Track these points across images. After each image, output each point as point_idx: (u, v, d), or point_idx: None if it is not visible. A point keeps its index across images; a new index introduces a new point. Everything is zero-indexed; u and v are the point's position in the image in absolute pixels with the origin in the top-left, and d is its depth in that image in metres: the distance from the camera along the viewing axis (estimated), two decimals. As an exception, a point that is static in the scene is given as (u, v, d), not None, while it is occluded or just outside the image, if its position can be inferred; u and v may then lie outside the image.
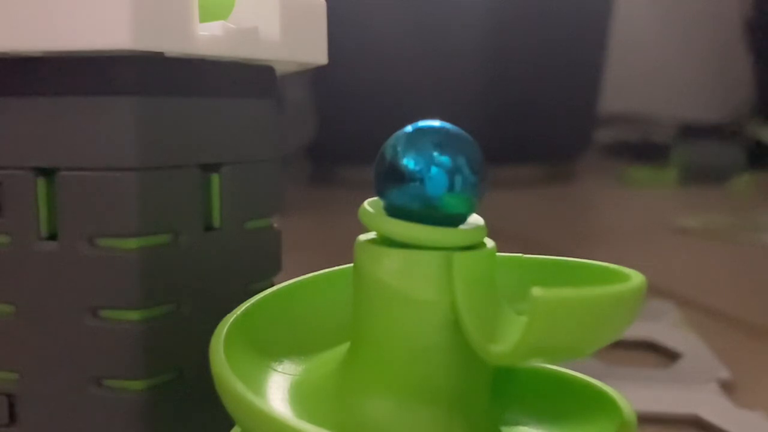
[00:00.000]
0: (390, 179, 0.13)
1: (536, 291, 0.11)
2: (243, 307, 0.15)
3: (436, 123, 0.14)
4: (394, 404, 0.14)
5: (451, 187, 0.13)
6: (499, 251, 0.14)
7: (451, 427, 0.14)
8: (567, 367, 0.16)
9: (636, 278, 0.13)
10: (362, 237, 0.14)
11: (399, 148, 0.13)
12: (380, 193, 0.14)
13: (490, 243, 0.14)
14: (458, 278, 0.13)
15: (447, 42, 0.80)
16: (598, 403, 0.15)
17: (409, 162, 0.13)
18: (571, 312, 0.12)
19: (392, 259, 0.13)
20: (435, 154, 0.13)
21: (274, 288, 0.16)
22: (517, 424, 0.15)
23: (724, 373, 0.27)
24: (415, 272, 0.13)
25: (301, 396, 0.14)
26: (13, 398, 0.17)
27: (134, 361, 0.16)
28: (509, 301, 0.14)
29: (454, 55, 0.80)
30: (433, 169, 0.13)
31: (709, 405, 0.25)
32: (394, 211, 0.13)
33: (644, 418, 0.24)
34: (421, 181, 0.13)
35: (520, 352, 0.12)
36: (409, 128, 0.14)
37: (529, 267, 0.15)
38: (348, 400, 0.14)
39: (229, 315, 0.15)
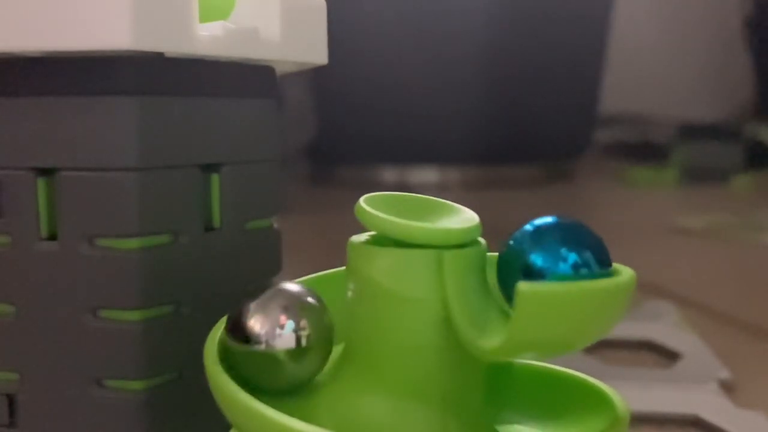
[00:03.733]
0: (518, 275, 0.13)
1: (522, 285, 0.11)
2: None
3: (553, 219, 0.14)
4: (388, 402, 0.14)
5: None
6: (497, 251, 0.14)
7: (445, 425, 0.14)
8: (565, 366, 0.16)
9: (624, 273, 0.13)
10: (355, 238, 0.14)
11: (525, 246, 0.13)
12: (505, 287, 0.14)
13: (481, 241, 0.14)
14: (449, 276, 0.13)
15: (447, 42, 0.80)
16: (592, 400, 0.15)
17: (536, 258, 0.13)
18: (558, 305, 0.12)
19: (384, 258, 0.13)
20: (562, 250, 0.13)
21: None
22: (512, 422, 0.15)
23: (724, 373, 0.27)
24: (407, 271, 0.13)
25: (295, 396, 0.14)
26: (13, 398, 0.17)
27: (134, 361, 0.16)
28: (502, 300, 0.14)
29: (455, 55, 0.80)
30: (561, 265, 0.13)
31: (709, 405, 0.25)
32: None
33: (644, 418, 0.24)
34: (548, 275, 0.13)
35: (509, 347, 0.12)
36: (529, 227, 0.14)
37: None
38: (342, 399, 0.14)
39: (225, 316, 0.15)
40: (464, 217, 0.14)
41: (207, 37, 0.16)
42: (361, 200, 0.14)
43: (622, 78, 1.04)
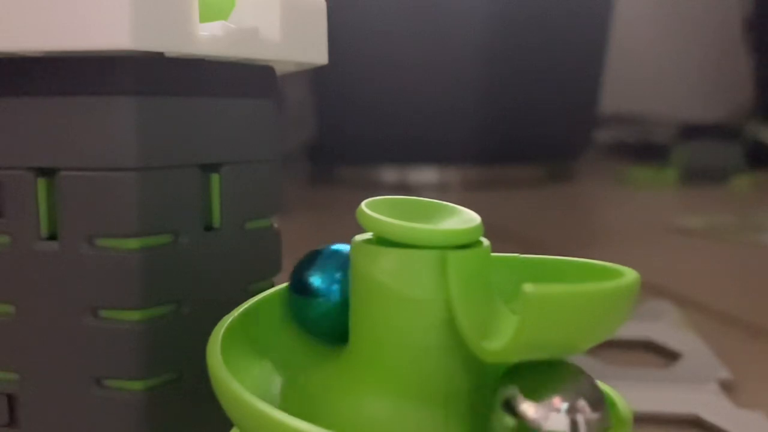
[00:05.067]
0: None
1: (528, 287, 0.11)
2: (241, 308, 0.15)
3: None
4: (390, 403, 0.14)
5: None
6: (498, 251, 0.14)
7: (447, 426, 0.14)
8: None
9: (629, 275, 0.13)
10: (358, 237, 0.14)
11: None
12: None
13: (485, 242, 0.14)
14: (453, 277, 0.13)
15: (447, 42, 0.80)
16: None
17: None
18: (563, 308, 0.12)
19: (388, 258, 0.13)
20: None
21: (273, 289, 0.16)
22: None
23: (724, 373, 0.27)
24: (411, 271, 0.13)
25: (298, 396, 0.14)
26: (13, 398, 0.17)
27: (134, 361, 0.16)
28: (505, 300, 0.14)
29: (455, 55, 0.81)
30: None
31: (709, 405, 0.25)
32: None
33: (644, 418, 0.24)
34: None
35: (513, 349, 0.12)
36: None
37: (526, 266, 0.15)
38: (345, 399, 0.14)
39: (227, 316, 0.15)
40: (465, 218, 0.14)
41: (207, 37, 0.16)
42: (363, 204, 0.14)
43: (622, 78, 1.04)
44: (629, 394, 0.17)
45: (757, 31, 1.04)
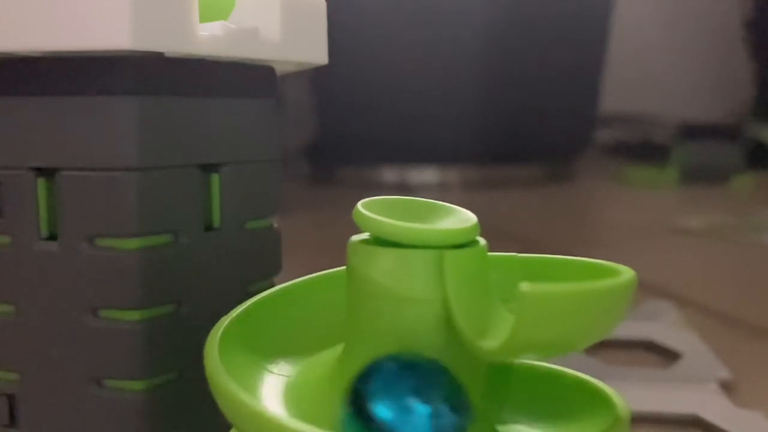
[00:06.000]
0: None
1: (524, 286, 0.11)
2: (240, 309, 0.15)
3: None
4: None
5: None
6: (498, 251, 0.14)
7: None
8: (565, 366, 0.16)
9: (626, 273, 0.13)
10: (355, 237, 0.14)
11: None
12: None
13: (482, 241, 0.14)
14: (449, 276, 0.13)
15: (447, 42, 0.80)
16: (593, 400, 0.15)
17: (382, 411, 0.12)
18: (560, 307, 0.12)
19: (384, 258, 0.13)
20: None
21: (271, 290, 0.16)
22: (512, 422, 0.15)
23: (724, 373, 0.27)
24: (407, 271, 0.13)
25: (296, 397, 0.14)
26: (14, 398, 0.17)
27: (134, 361, 0.16)
28: (503, 299, 0.14)
29: (455, 55, 0.81)
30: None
31: (709, 405, 0.25)
32: None
33: (644, 418, 0.24)
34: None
35: (510, 348, 0.12)
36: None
37: (523, 265, 0.15)
38: (342, 399, 0.14)
39: (225, 317, 0.15)
40: (462, 218, 0.14)
41: (207, 37, 0.16)
42: (359, 204, 0.14)
43: (622, 78, 1.04)
44: (629, 394, 0.17)
45: (757, 32, 1.04)
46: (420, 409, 0.12)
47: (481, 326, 0.13)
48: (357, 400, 0.12)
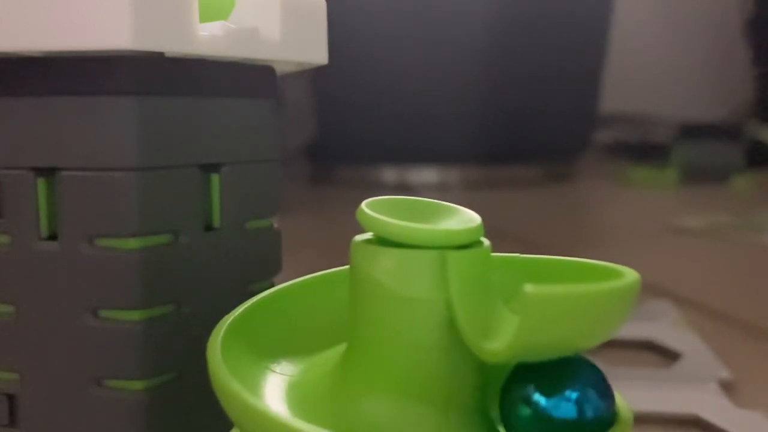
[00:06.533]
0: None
1: (528, 288, 0.11)
2: (241, 308, 0.15)
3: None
4: (390, 403, 0.14)
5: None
6: (498, 251, 0.14)
7: (447, 426, 0.14)
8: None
9: (629, 275, 0.13)
10: (358, 237, 0.14)
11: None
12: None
13: (485, 242, 0.14)
14: (453, 277, 0.13)
15: (447, 42, 0.80)
16: None
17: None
18: (563, 308, 0.12)
19: (387, 258, 0.13)
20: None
21: (273, 289, 0.16)
22: None
23: (724, 373, 0.27)
24: (410, 271, 0.13)
25: (298, 396, 0.14)
26: (14, 398, 0.17)
27: (134, 361, 0.16)
28: (505, 300, 0.14)
29: (455, 55, 0.81)
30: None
31: (709, 405, 0.25)
32: None
33: (644, 418, 0.24)
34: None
35: (514, 349, 0.12)
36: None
37: (526, 266, 0.16)
38: (344, 399, 0.14)
39: (227, 316, 0.15)
40: (466, 218, 0.14)
41: (207, 37, 0.16)
42: (363, 204, 0.14)
43: (622, 78, 1.04)
44: (629, 394, 0.17)
45: (757, 32, 1.04)
46: (570, 394, 0.13)
47: (485, 327, 0.13)
48: (518, 389, 0.13)
